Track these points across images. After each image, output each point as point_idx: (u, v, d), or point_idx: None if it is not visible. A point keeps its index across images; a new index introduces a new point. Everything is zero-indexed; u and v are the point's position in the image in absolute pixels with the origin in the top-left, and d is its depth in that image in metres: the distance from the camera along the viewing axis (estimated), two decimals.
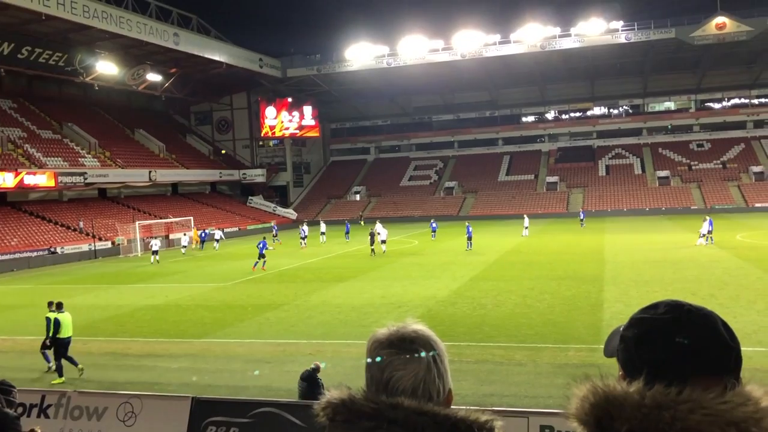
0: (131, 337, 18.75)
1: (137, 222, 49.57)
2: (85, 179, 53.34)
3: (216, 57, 63.78)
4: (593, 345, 15.23)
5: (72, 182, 52.36)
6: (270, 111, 78.26)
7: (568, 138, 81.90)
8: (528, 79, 77.44)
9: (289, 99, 78.75)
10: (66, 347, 14.99)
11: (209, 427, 10.30)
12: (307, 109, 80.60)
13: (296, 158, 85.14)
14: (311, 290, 25.52)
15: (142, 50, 58.32)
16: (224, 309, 22.53)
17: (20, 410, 9.64)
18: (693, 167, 72.40)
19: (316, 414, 1.46)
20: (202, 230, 51.45)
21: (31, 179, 48.35)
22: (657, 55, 69.29)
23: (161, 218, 55.10)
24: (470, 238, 38.46)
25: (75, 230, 49.17)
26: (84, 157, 56.60)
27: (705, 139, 76.38)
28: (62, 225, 49.53)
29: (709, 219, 35.90)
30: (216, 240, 49.07)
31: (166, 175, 63.86)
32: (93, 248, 46.77)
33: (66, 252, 44.99)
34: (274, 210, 74.19)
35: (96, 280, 32.95)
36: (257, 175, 77.27)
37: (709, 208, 62.78)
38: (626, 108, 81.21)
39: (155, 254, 40.48)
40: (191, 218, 54.32)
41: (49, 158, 52.80)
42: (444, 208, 70.51)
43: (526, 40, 66.59)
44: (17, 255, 41.93)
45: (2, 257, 40.96)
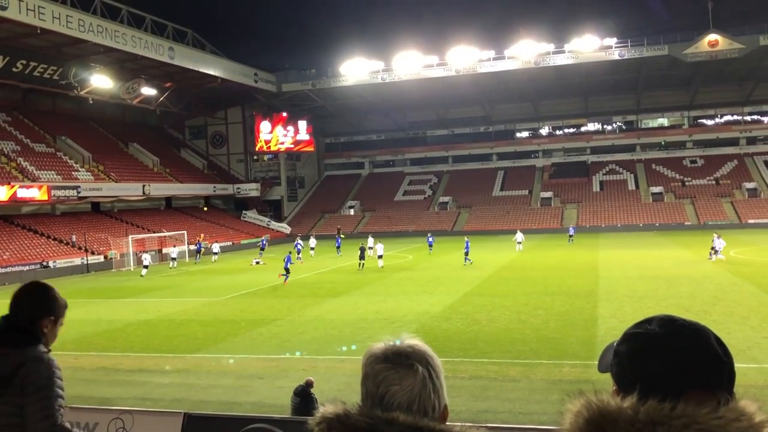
0: (123, 352, 18.60)
1: (130, 236, 49.36)
2: (79, 193, 53.14)
3: (211, 71, 63.90)
4: (588, 361, 15.17)
5: (65, 196, 52.17)
6: (265, 125, 78.38)
7: (562, 154, 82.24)
8: (522, 95, 77.85)
9: (284, 113, 78.90)
10: None
11: None
12: (302, 124, 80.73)
13: (290, 172, 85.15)
14: (305, 305, 25.40)
15: (137, 64, 58.40)
16: (217, 324, 22.39)
17: None
18: (686, 183, 72.73)
19: (311, 429, 1.44)
20: (197, 242, 51.66)
21: (24, 192, 48.16)
22: (650, 72, 69.81)
23: (155, 232, 54.92)
24: (467, 253, 38.26)
25: (67, 244, 48.92)
26: (77, 171, 56.46)
27: (698, 156, 76.81)
28: (54, 239, 49.29)
29: (717, 235, 35.88)
30: (215, 253, 49.99)
31: (160, 189, 63.70)
32: (85, 262, 46.53)
33: (58, 266, 44.73)
34: (268, 224, 74.05)
35: (88, 295, 32.72)
36: (251, 190, 77.17)
37: (703, 224, 63.02)
38: (620, 124, 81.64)
39: (146, 268, 40.51)
40: (184, 232, 54.17)
41: (43, 172, 52.64)
42: (438, 223, 70.53)
43: (521, 57, 67.00)
44: (9, 269, 41.66)
45: None
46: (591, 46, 65.09)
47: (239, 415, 10.86)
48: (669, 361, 1.22)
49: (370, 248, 41.22)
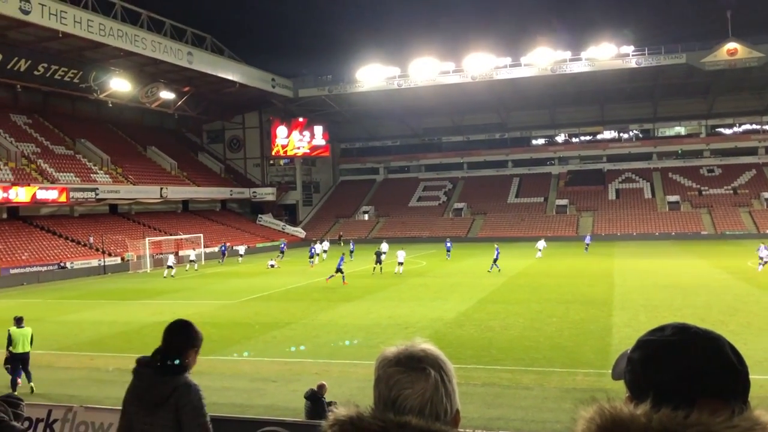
0: (138, 353, 18.53)
1: (147, 238, 49.80)
2: (97, 195, 53.75)
3: (229, 76, 64.40)
4: (601, 370, 15.10)
5: (83, 198, 52.79)
6: (281, 130, 78.77)
7: (578, 161, 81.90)
8: (538, 102, 77.67)
9: (301, 119, 79.29)
10: (22, 362, 15.28)
11: None
12: (318, 130, 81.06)
13: (306, 177, 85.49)
14: (318, 309, 25.49)
15: (156, 68, 59.01)
16: (231, 326, 22.52)
17: (26, 424, 9.66)
18: (703, 192, 72.12)
19: (324, 431, 1.46)
20: (222, 244, 53.25)
21: (44, 194, 48.77)
22: (667, 80, 69.39)
23: (171, 235, 55.33)
24: (496, 260, 37.62)
25: (85, 245, 49.44)
26: (96, 173, 57.07)
27: (716, 165, 76.15)
28: (72, 240, 49.83)
29: (764, 245, 35.50)
30: (240, 255, 52.11)
31: (177, 193, 64.23)
32: (102, 264, 46.97)
33: (75, 267, 45.20)
34: (283, 228, 74.36)
35: (104, 296, 33.05)
36: (267, 194, 77.60)
37: (720, 234, 62.45)
38: (636, 132, 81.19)
39: (170, 268, 41.03)
40: (201, 235, 54.54)
41: (62, 174, 53.26)
42: (452, 230, 70.42)
43: (537, 64, 66.92)
44: (27, 269, 42.18)
45: (13, 271, 41.21)
46: (608, 54, 64.86)
47: (252, 418, 10.96)
48: (682, 369, 1.22)
49: (384, 253, 41.28)
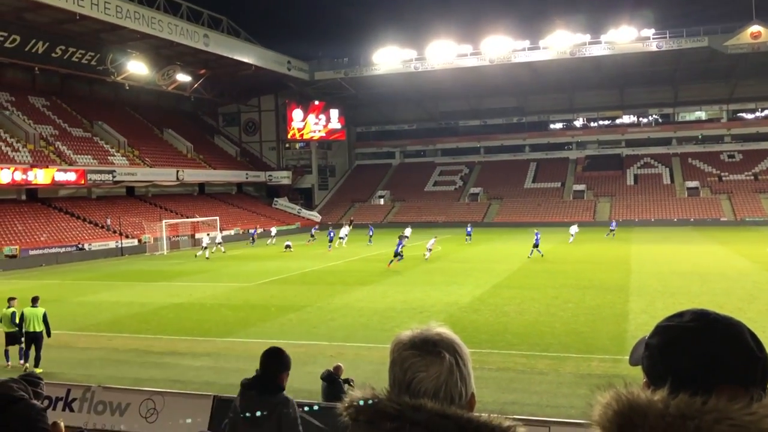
0: (155, 335, 18.93)
1: (164, 220, 50.14)
2: (114, 177, 54.13)
3: (245, 59, 64.31)
4: (617, 356, 15.02)
5: (101, 180, 53.19)
6: (297, 114, 78.72)
7: (596, 146, 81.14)
8: (556, 86, 76.86)
9: (317, 102, 79.16)
10: (34, 341, 15.54)
11: None
12: (334, 113, 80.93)
13: (321, 161, 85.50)
14: (334, 293, 25.56)
15: (173, 51, 59.05)
16: (247, 309, 22.66)
17: (46, 403, 9.79)
18: (723, 178, 71.26)
19: (339, 413, 1.47)
20: (254, 228, 55.07)
21: (62, 176, 49.20)
22: (688, 64, 68.39)
23: (188, 217, 55.68)
24: (537, 245, 37.05)
25: (103, 227, 49.88)
26: (113, 156, 57.44)
27: (736, 150, 75.14)
28: (90, 222, 50.29)
29: None
30: (272, 236, 53.55)
31: (194, 175, 64.51)
32: (120, 246, 47.39)
33: (93, 249, 45.65)
34: (299, 212, 74.54)
35: (122, 278, 33.36)
36: (283, 177, 77.70)
37: (739, 221, 61.75)
38: (656, 117, 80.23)
39: (205, 249, 41.54)
40: (217, 218, 54.82)
41: (80, 156, 53.66)
42: (468, 214, 70.15)
43: (555, 47, 66.18)
44: (46, 250, 42.67)
45: (32, 252, 41.71)
46: (628, 37, 63.98)
47: None
48: (701, 355, 1.21)
49: (406, 237, 41.28)
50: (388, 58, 70.59)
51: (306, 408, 10.30)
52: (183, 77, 63.78)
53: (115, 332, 19.29)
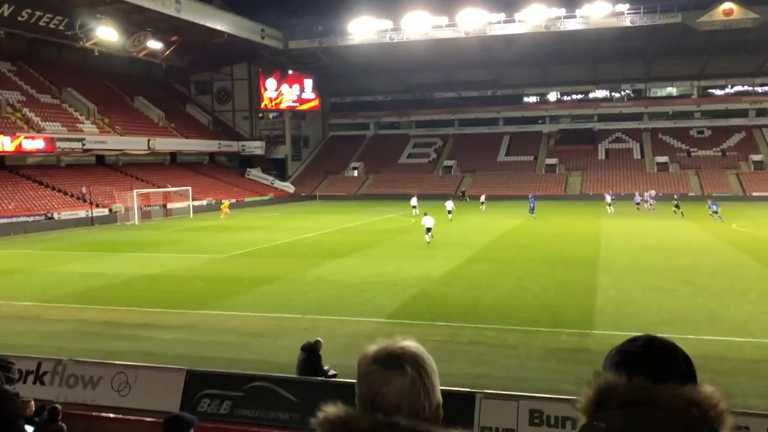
0: (126, 306, 18.85)
1: (135, 190, 49.52)
2: (84, 145, 53.14)
3: (217, 26, 63.16)
4: (585, 330, 15.39)
5: (70, 148, 52.20)
6: (270, 83, 77.77)
7: (569, 120, 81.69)
8: (531, 60, 76.86)
9: (290, 71, 78.25)
10: None
11: (203, 400, 10.43)
12: (308, 82, 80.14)
13: (295, 132, 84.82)
14: (307, 265, 25.61)
15: (143, 16, 57.67)
16: (220, 281, 22.63)
17: (16, 376, 9.75)
18: (692, 154, 72.38)
19: (312, 430, 1.51)
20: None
21: (30, 144, 48.16)
22: (661, 40, 68.84)
23: (159, 187, 55.04)
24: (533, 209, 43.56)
25: (72, 196, 49.12)
26: (83, 123, 56.33)
27: (705, 126, 76.24)
28: (59, 190, 49.46)
29: None
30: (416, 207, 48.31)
31: (165, 144, 63.58)
32: (90, 215, 46.77)
33: (63, 218, 44.98)
34: (272, 183, 74.10)
35: (92, 248, 33.01)
36: (256, 148, 76.96)
37: (706, 196, 62.88)
38: (628, 92, 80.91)
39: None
40: (189, 188, 54.28)
41: (48, 123, 52.52)
42: (442, 187, 70.43)
43: (531, 20, 66.11)
44: (14, 219, 41.95)
45: (0, 221, 41.01)
46: (602, 12, 64.10)
47: (241, 373, 11.13)
48: (646, 373, 1.51)
49: (414, 207, 41.52)
50: (363, 28, 69.89)
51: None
52: (154, 44, 62.52)
53: (86, 304, 19.16)
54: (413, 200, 49.73)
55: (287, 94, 78.82)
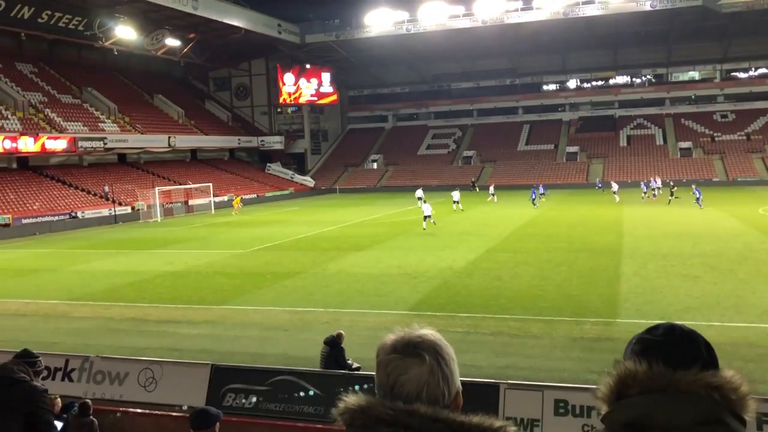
0: (151, 303, 19.04)
1: (156, 187, 49.97)
2: (105, 144, 53.74)
3: (235, 22, 63.40)
4: (609, 318, 15.26)
5: (92, 147, 52.82)
6: (288, 77, 77.93)
7: (590, 107, 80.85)
8: (549, 47, 76.18)
9: (308, 65, 78.32)
10: None
11: (228, 394, 10.51)
12: (326, 76, 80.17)
13: (314, 125, 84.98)
14: (328, 259, 25.66)
15: (161, 15, 58.11)
16: (242, 276, 22.77)
17: (45, 374, 9.89)
18: (716, 138, 71.30)
19: (334, 419, 1.53)
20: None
21: (52, 144, 48.79)
22: (682, 24, 67.78)
23: (181, 184, 55.48)
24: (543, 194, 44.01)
25: (95, 195, 49.70)
26: (104, 122, 56.92)
27: (729, 110, 75.03)
28: (83, 189, 50.09)
29: None
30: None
31: (185, 141, 64.10)
32: (113, 213, 47.30)
33: (86, 216, 45.55)
34: (292, 177, 74.37)
35: (116, 246, 33.39)
36: (275, 142, 77.31)
37: (732, 181, 62.01)
38: (649, 77, 79.85)
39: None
40: (210, 184, 54.65)
41: (70, 123, 53.16)
42: (462, 178, 70.09)
43: (548, 7, 65.45)
44: (39, 219, 42.57)
45: (25, 221, 41.62)
46: None
47: (266, 368, 11.18)
48: (667, 362, 1.52)
49: (419, 198, 41.04)
50: (380, 20, 69.71)
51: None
52: (172, 42, 62.92)
53: (112, 301, 19.38)
54: (419, 192, 46.78)
55: (305, 89, 78.92)
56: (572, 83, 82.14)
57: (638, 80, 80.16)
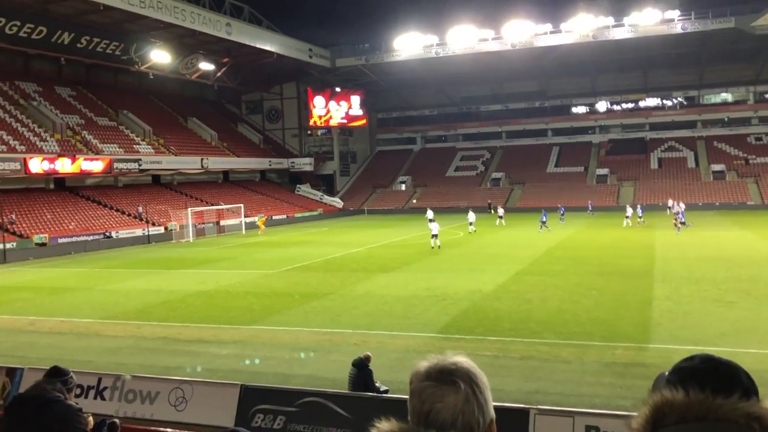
0: (182, 323, 19.24)
1: (189, 208, 50.68)
2: (140, 166, 54.80)
3: (267, 47, 64.50)
4: (642, 344, 15.02)
5: (127, 168, 53.90)
6: (319, 100, 78.82)
7: (620, 130, 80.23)
8: (579, 70, 76.03)
9: (338, 89, 79.18)
10: None
11: (257, 415, 10.57)
12: (355, 99, 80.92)
13: (343, 147, 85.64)
14: (357, 280, 25.72)
15: (195, 40, 59.37)
16: (272, 296, 22.93)
17: (77, 392, 10.06)
18: (750, 161, 70.11)
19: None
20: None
21: (89, 165, 49.94)
22: (714, 46, 67.18)
23: (213, 205, 56.21)
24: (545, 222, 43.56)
25: (129, 215, 50.58)
26: (139, 144, 58.08)
27: (764, 132, 73.82)
28: (117, 210, 51.02)
29: None
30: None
31: (218, 163, 65.08)
32: (146, 233, 48.04)
33: (120, 236, 46.33)
34: (321, 198, 74.90)
35: (149, 265, 33.87)
36: (305, 164, 78.07)
37: (767, 205, 60.82)
38: (680, 100, 79.04)
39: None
40: (241, 205, 55.28)
41: (106, 145, 54.36)
42: (490, 200, 69.87)
43: (578, 30, 65.41)
44: (74, 238, 43.41)
45: (61, 240, 42.47)
46: (652, 20, 62.94)
47: (294, 389, 11.23)
48: (707, 389, 1.46)
49: (431, 220, 40.94)
50: (409, 44, 70.30)
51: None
52: (206, 66, 64.15)
53: (144, 320, 19.65)
54: (429, 213, 45.98)
55: (335, 112, 79.68)
56: (602, 105, 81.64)
57: (669, 102, 79.40)
